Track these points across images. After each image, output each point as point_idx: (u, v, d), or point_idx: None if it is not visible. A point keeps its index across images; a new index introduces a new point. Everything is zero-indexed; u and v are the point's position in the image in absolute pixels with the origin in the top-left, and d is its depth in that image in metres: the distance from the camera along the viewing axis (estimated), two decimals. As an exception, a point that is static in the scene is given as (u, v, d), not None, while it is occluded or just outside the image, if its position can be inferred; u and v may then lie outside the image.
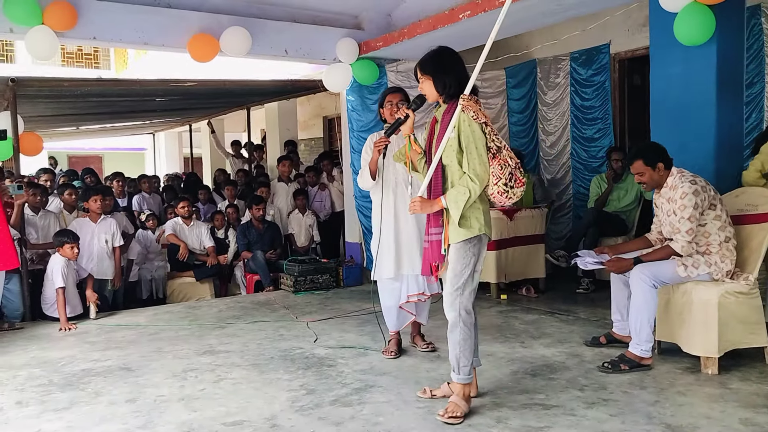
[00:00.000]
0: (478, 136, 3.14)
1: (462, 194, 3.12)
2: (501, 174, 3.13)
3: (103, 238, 6.40)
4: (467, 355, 3.22)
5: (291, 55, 6.80)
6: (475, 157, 3.13)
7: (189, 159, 14.82)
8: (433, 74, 3.28)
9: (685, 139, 4.35)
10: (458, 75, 3.26)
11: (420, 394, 3.49)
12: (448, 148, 3.19)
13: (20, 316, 5.88)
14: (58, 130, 12.66)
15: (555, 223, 7.59)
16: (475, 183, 3.11)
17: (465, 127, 3.14)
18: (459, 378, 3.24)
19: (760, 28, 5.67)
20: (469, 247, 3.18)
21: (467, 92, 3.18)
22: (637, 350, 3.83)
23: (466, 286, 3.19)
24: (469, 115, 3.14)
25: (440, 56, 3.32)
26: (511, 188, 3.15)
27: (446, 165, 3.23)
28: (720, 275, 3.82)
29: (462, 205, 3.11)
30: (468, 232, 3.16)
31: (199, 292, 7.57)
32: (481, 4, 5.40)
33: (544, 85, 7.79)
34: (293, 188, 8.74)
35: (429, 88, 3.31)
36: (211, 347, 4.76)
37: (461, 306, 3.19)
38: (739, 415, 3.11)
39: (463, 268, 3.18)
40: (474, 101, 3.19)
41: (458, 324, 3.20)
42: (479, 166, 3.12)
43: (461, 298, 3.19)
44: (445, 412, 3.16)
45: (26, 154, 6.32)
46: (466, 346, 3.21)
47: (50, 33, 5.44)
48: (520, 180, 3.17)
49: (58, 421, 3.36)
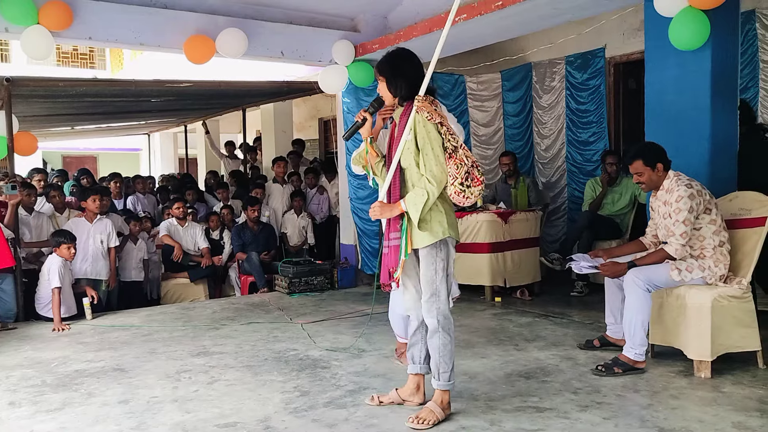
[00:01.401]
0: (433, 137, 3.09)
1: (420, 196, 3.07)
2: (457, 174, 3.08)
3: (98, 239, 6.38)
4: (447, 361, 3.18)
5: (287, 57, 6.80)
6: (432, 158, 3.08)
7: (184, 160, 14.78)
8: (388, 76, 3.25)
9: (679, 143, 4.37)
10: (411, 77, 3.21)
11: (368, 402, 3.44)
12: (406, 151, 3.15)
13: (14, 316, 5.86)
14: (53, 130, 12.62)
15: (550, 226, 7.61)
16: (432, 184, 3.07)
17: (420, 128, 3.10)
18: (438, 384, 3.20)
19: (754, 33, 5.71)
20: (436, 252, 3.14)
21: (422, 93, 3.14)
22: (630, 354, 3.84)
23: (440, 291, 3.15)
24: (423, 116, 3.10)
25: (393, 58, 3.29)
26: (468, 187, 3.09)
27: (405, 168, 3.19)
28: (714, 279, 3.83)
29: (420, 207, 3.06)
30: (431, 236, 3.12)
31: (194, 293, 7.55)
32: (477, 8, 5.41)
33: (539, 88, 7.81)
34: (288, 189, 8.74)
35: (384, 90, 3.28)
36: (205, 348, 4.75)
37: (438, 312, 3.16)
38: (732, 418, 3.12)
39: (433, 274, 3.15)
40: (429, 101, 3.15)
41: (437, 330, 3.17)
42: (436, 167, 3.08)
43: (438, 303, 3.16)
44: (415, 417, 3.13)
45: (21, 154, 6.30)
46: (445, 351, 3.18)
47: (45, 33, 5.42)
48: (477, 179, 3.11)
49: (50, 422, 3.34)
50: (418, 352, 3.37)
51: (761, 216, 3.89)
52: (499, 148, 8.18)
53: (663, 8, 4.34)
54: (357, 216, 7.47)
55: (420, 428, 3.09)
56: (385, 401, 3.40)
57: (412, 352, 3.39)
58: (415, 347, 3.38)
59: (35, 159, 14.12)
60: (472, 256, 6.29)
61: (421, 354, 3.36)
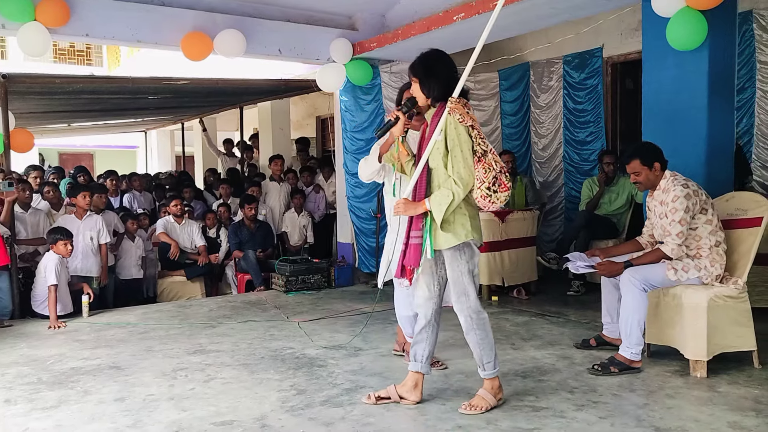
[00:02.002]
0: (463, 140, 3.13)
1: (445, 197, 3.11)
2: (485, 178, 3.12)
3: (88, 235, 6.35)
4: (488, 352, 3.29)
5: (285, 55, 6.79)
6: (460, 160, 3.12)
7: (181, 157, 14.76)
8: (421, 77, 3.27)
9: (676, 143, 4.37)
10: (444, 78, 3.23)
11: (365, 400, 3.44)
12: (435, 151, 3.19)
13: (9, 313, 5.85)
14: (50, 127, 12.59)
15: (546, 226, 7.62)
16: (458, 186, 3.10)
17: (451, 130, 3.14)
18: (484, 374, 3.32)
19: (751, 34, 5.72)
20: (459, 254, 3.20)
21: (456, 95, 3.17)
22: (627, 353, 3.85)
23: (468, 291, 3.23)
24: (455, 118, 3.13)
25: (427, 59, 3.30)
26: (494, 192, 3.12)
27: (433, 168, 3.23)
28: (710, 279, 3.84)
29: (444, 207, 3.11)
30: (454, 238, 3.17)
31: (190, 291, 7.54)
32: (475, 6, 5.41)
33: (537, 87, 7.82)
34: (285, 187, 8.73)
35: (417, 91, 3.31)
36: (201, 346, 4.75)
37: (470, 309, 3.24)
38: (728, 418, 3.13)
39: (458, 275, 3.22)
40: (462, 104, 3.17)
41: (472, 327, 3.27)
42: (464, 170, 3.12)
43: (468, 302, 3.24)
44: (468, 405, 3.26)
45: (17, 151, 6.29)
46: (485, 344, 3.28)
47: (42, 29, 5.41)
48: (504, 184, 3.14)
49: (46, 420, 3.34)
50: (421, 350, 3.39)
51: (757, 216, 3.90)
52: (496, 147, 8.16)
53: (660, 8, 4.34)
54: (354, 214, 7.47)
55: (472, 414, 3.21)
56: (382, 395, 3.43)
57: (415, 350, 3.41)
58: (418, 345, 3.40)
59: (32, 156, 14.08)
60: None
61: (424, 353, 3.39)
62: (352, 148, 7.29)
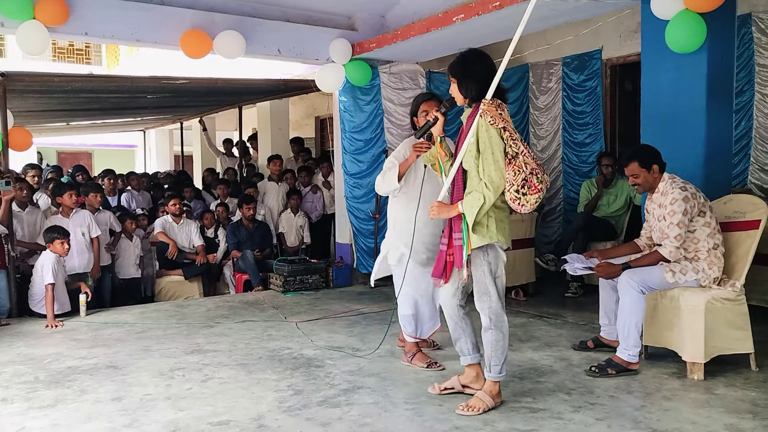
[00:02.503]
0: (495, 142, 3.14)
1: (477, 200, 3.14)
2: (514, 180, 3.13)
3: (79, 232, 6.34)
4: (499, 355, 3.30)
5: (284, 55, 6.78)
6: (491, 163, 3.13)
7: (180, 157, 14.76)
8: (459, 77, 3.30)
9: (675, 145, 4.38)
10: (482, 78, 3.25)
11: (431, 391, 3.56)
12: (468, 154, 3.21)
13: (7, 312, 5.84)
14: (48, 126, 12.58)
15: (545, 227, 7.62)
16: (489, 190, 3.12)
17: (482, 132, 3.15)
18: (489, 375, 3.34)
19: (750, 37, 5.72)
20: (482, 255, 3.24)
21: (489, 96, 3.18)
22: (624, 355, 3.85)
23: (490, 291, 3.26)
24: (486, 121, 3.14)
25: (465, 59, 3.33)
26: (523, 195, 3.13)
27: (467, 170, 3.26)
28: (707, 282, 3.84)
29: (476, 211, 3.13)
30: (479, 239, 3.20)
31: (188, 291, 7.53)
32: (474, 8, 5.41)
33: (536, 89, 7.82)
34: (284, 188, 8.72)
35: (455, 91, 3.34)
36: (198, 346, 4.75)
37: (490, 310, 3.27)
38: (724, 420, 3.13)
39: (480, 275, 3.26)
40: (495, 105, 3.17)
41: (490, 326, 3.30)
42: (494, 173, 3.13)
43: (489, 302, 3.27)
44: (465, 405, 3.28)
45: (15, 150, 6.28)
46: (497, 346, 3.29)
47: (41, 28, 5.40)
48: (535, 186, 3.13)
49: (43, 419, 3.33)
50: (464, 344, 3.49)
51: (755, 219, 3.91)
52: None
53: (660, 11, 4.35)
54: (353, 215, 7.46)
55: (469, 414, 3.22)
56: (447, 386, 3.53)
57: (459, 346, 3.50)
58: (459, 341, 3.49)
59: (30, 154, 14.05)
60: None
61: (468, 346, 3.48)
62: (351, 148, 7.29)
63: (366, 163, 7.25)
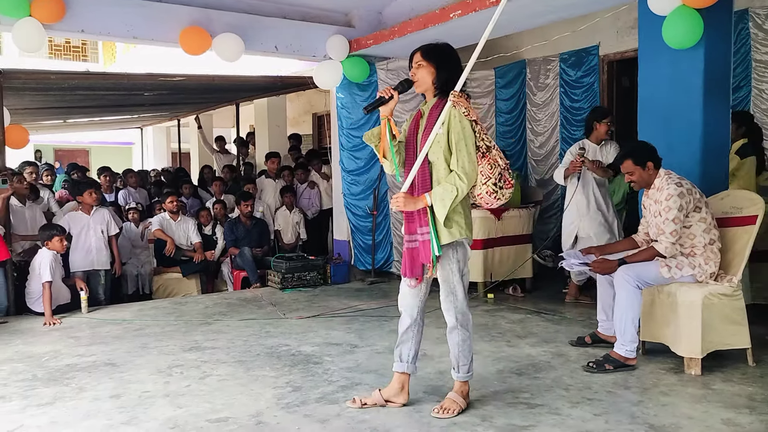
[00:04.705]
0: (468, 134, 3.06)
1: (449, 192, 3.02)
2: (491, 173, 3.06)
3: (99, 229, 6.41)
4: (466, 354, 3.23)
5: (281, 52, 6.78)
6: (465, 155, 3.04)
7: (177, 154, 14.74)
8: (438, 64, 3.17)
9: (672, 141, 4.38)
10: (455, 72, 3.18)
11: (350, 404, 3.35)
12: (435, 144, 3.09)
13: (4, 310, 5.85)
14: (45, 123, 12.56)
15: (543, 223, 7.62)
16: (463, 181, 3.02)
17: (456, 123, 3.06)
18: (458, 376, 3.28)
19: (747, 33, 5.72)
20: (452, 252, 3.14)
21: (458, 88, 3.11)
22: (621, 350, 3.86)
23: (457, 289, 3.17)
24: (460, 111, 3.06)
25: (449, 50, 3.24)
26: (500, 189, 3.08)
27: (432, 162, 3.13)
28: (704, 277, 3.85)
29: (449, 203, 3.02)
30: (449, 236, 3.09)
31: (186, 288, 7.53)
32: (471, 4, 5.41)
33: (533, 85, 7.82)
34: (281, 185, 8.72)
35: (426, 77, 3.19)
36: (197, 343, 4.75)
37: (456, 309, 3.19)
38: (722, 415, 3.14)
39: (448, 273, 3.16)
40: (465, 97, 3.11)
41: (456, 326, 3.21)
42: (468, 165, 3.04)
43: (455, 301, 3.18)
44: (440, 408, 3.21)
45: (12, 147, 6.28)
46: (464, 346, 3.22)
47: (38, 25, 5.39)
48: (509, 181, 3.10)
49: (41, 416, 3.33)
50: (407, 350, 3.32)
51: (752, 214, 3.91)
52: (490, 145, 8.18)
53: (657, 7, 4.35)
54: (350, 212, 7.47)
55: (445, 417, 3.16)
56: (368, 403, 3.33)
57: (400, 350, 3.32)
58: (404, 345, 3.32)
59: (27, 152, 14.04)
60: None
61: (410, 353, 3.32)
62: (349, 145, 7.28)
63: (363, 159, 7.24)
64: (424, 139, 3.13)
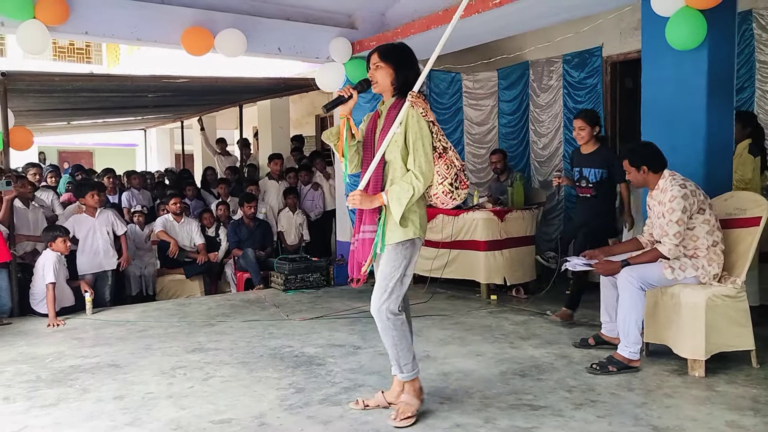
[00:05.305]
0: (425, 134, 3.05)
1: (405, 191, 3.01)
2: (447, 174, 3.06)
3: (105, 231, 6.42)
4: (406, 353, 3.16)
5: (284, 53, 6.79)
6: (422, 154, 3.03)
7: (180, 156, 14.77)
8: (397, 65, 3.16)
9: (675, 142, 4.37)
10: (413, 73, 3.18)
11: (353, 406, 3.36)
12: (393, 144, 3.08)
13: (8, 311, 5.86)
14: (49, 125, 12.60)
15: (546, 225, 7.61)
16: (419, 181, 3.01)
17: (413, 122, 3.05)
18: (403, 376, 3.21)
19: (751, 34, 5.71)
20: (401, 250, 3.08)
21: (416, 89, 3.10)
22: (625, 352, 3.85)
23: (393, 290, 3.09)
24: (418, 112, 3.06)
25: (406, 51, 3.23)
26: (456, 189, 3.07)
27: (388, 161, 3.12)
28: (707, 279, 3.84)
29: (405, 202, 3.00)
30: (403, 234, 3.06)
31: (189, 290, 7.55)
32: (474, 6, 5.41)
33: (536, 87, 7.81)
34: (284, 186, 8.73)
35: (385, 78, 3.19)
36: (200, 345, 4.75)
37: (386, 309, 3.09)
38: (725, 417, 3.13)
39: (392, 270, 3.08)
40: (422, 98, 3.11)
41: (388, 326, 3.12)
42: (425, 164, 3.03)
43: (387, 301, 3.09)
44: (396, 414, 3.12)
45: (16, 149, 6.29)
46: (402, 345, 3.15)
47: (42, 27, 5.41)
48: (464, 182, 3.10)
49: (45, 417, 3.34)
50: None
51: (756, 216, 3.90)
52: (492, 146, 8.18)
53: (660, 7, 4.34)
54: (353, 213, 7.46)
55: (405, 424, 3.08)
56: (371, 404, 3.33)
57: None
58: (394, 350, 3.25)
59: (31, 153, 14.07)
60: (468, 253, 6.30)
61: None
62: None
63: (367, 161, 7.23)
64: (382, 139, 3.12)
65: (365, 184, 3.13)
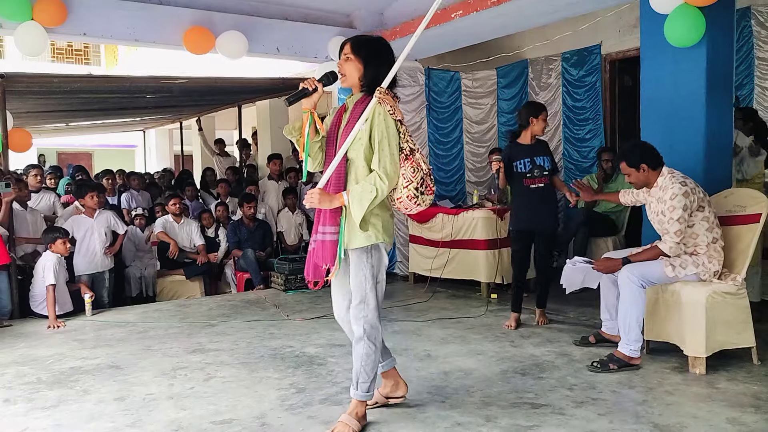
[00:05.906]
0: (392, 133, 2.88)
1: (368, 192, 2.83)
2: (413, 177, 2.87)
3: (103, 232, 6.43)
4: (368, 371, 3.00)
5: (283, 53, 6.79)
6: (387, 155, 2.85)
7: (179, 156, 14.77)
8: (367, 60, 2.97)
9: (674, 139, 4.38)
10: (384, 69, 2.96)
11: None
12: (357, 141, 2.89)
13: (8, 313, 5.85)
14: (48, 127, 12.58)
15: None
16: (383, 182, 2.83)
17: (380, 120, 2.87)
18: (356, 394, 3.03)
19: (749, 30, 5.72)
20: (366, 256, 2.93)
21: (385, 85, 2.91)
22: (625, 350, 3.85)
23: (369, 298, 2.96)
24: (385, 109, 2.88)
25: (378, 43, 3.05)
26: (421, 194, 2.90)
27: (351, 159, 2.93)
28: (707, 276, 3.84)
29: (367, 204, 2.83)
30: (364, 239, 2.90)
31: (189, 291, 7.54)
32: (473, 4, 5.41)
33: (536, 85, 7.82)
34: (283, 186, 8.72)
35: (353, 72, 3.00)
36: (200, 345, 4.75)
37: (366, 320, 2.96)
38: (726, 414, 3.13)
39: (362, 279, 2.95)
40: (391, 96, 2.93)
41: (363, 338, 2.98)
42: (390, 165, 2.85)
43: (366, 311, 2.96)
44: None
45: (15, 151, 6.29)
46: (368, 361, 2.99)
47: (40, 28, 5.40)
48: (430, 188, 2.93)
49: (46, 419, 3.34)
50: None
51: (755, 213, 3.90)
52: (491, 145, 8.18)
53: (659, 5, 4.34)
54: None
55: None
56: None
57: None
58: None
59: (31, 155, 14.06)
60: (468, 252, 6.30)
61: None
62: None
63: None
64: (345, 135, 2.94)
65: (325, 182, 2.95)
